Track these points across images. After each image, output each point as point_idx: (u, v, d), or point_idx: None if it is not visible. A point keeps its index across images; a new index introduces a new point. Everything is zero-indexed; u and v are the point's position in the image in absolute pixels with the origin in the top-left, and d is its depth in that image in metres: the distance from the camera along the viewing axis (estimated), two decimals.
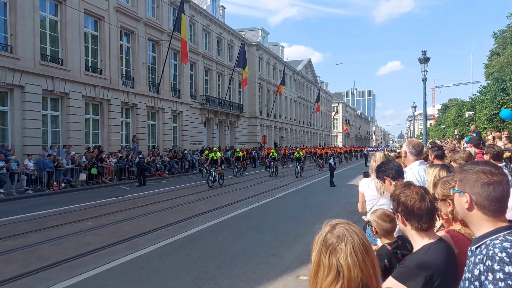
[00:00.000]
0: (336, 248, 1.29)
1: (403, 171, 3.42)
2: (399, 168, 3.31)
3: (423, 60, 18.68)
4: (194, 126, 33.36)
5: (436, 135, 60.38)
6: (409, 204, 1.90)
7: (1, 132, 17.46)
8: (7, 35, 17.53)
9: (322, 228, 1.38)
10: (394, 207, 1.98)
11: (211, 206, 12.60)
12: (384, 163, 3.39)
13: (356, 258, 1.28)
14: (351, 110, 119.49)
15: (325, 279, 1.28)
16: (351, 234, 1.32)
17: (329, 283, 1.27)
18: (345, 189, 16.47)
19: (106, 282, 5.73)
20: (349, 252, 1.28)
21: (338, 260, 1.28)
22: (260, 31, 50.37)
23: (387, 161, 3.52)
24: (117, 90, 23.65)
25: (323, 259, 1.30)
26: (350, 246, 1.29)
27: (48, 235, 8.58)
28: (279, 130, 54.56)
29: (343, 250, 1.28)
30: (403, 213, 1.92)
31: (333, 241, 1.31)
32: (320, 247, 1.32)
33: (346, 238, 1.30)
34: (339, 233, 1.32)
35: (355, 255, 1.28)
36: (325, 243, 1.31)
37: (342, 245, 1.29)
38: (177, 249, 7.51)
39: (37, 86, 18.37)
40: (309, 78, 71.62)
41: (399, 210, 1.94)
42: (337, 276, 1.27)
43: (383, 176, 3.30)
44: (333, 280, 1.27)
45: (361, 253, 1.29)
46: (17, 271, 6.10)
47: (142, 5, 26.17)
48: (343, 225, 1.35)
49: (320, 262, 1.31)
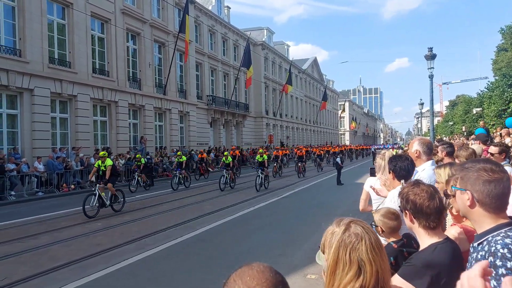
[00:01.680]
0: (356, 246, 1.33)
1: (412, 172, 3.37)
2: (409, 170, 3.25)
3: (429, 57, 18.59)
4: (201, 126, 33.47)
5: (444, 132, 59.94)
6: (418, 202, 1.91)
7: (12, 135, 17.68)
8: (15, 39, 17.74)
9: (333, 226, 1.40)
10: (403, 205, 1.99)
11: (219, 206, 12.66)
12: (398, 159, 3.32)
13: (375, 254, 1.33)
14: (358, 108, 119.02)
15: (346, 276, 1.31)
16: (367, 231, 1.36)
17: (350, 279, 1.31)
18: (352, 188, 16.45)
19: (116, 282, 5.81)
20: (369, 248, 1.32)
21: (360, 256, 1.31)
22: (265, 31, 50.36)
23: (404, 158, 3.42)
24: (124, 92, 23.82)
25: (342, 256, 1.33)
26: (369, 243, 1.33)
27: (59, 236, 8.69)
28: (285, 129, 54.52)
29: (364, 247, 1.32)
30: (411, 211, 1.93)
31: (352, 239, 1.34)
32: (338, 245, 1.34)
33: (364, 236, 1.34)
34: (357, 231, 1.35)
35: (374, 251, 1.33)
36: (344, 241, 1.34)
37: (362, 242, 1.33)
38: (185, 249, 7.58)
39: (46, 89, 18.57)
40: (315, 76, 71.46)
41: (408, 208, 1.95)
42: (358, 272, 1.31)
43: (389, 169, 3.30)
44: (354, 276, 1.31)
45: (378, 249, 1.34)
46: (29, 271, 6.20)
47: (147, 7, 26.32)
48: (358, 223, 1.38)
49: (338, 259, 1.33)
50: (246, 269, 1.06)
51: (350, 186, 17.65)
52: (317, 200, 14.06)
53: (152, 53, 27.00)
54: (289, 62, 52.33)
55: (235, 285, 1.02)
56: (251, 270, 1.05)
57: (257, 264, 1.07)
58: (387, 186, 3.63)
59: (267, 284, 1.02)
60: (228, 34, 39.74)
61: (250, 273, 1.04)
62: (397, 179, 3.20)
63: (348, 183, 18.56)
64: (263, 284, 1.01)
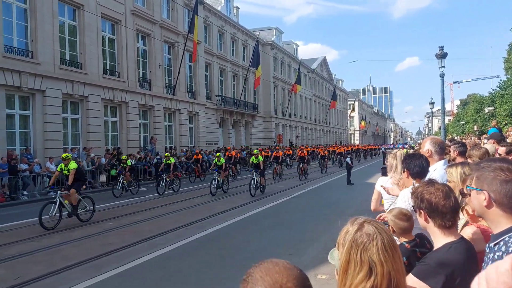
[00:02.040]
0: (367, 246, 1.32)
1: (427, 171, 3.34)
2: (424, 168, 3.23)
3: (440, 55, 18.41)
4: (210, 126, 33.56)
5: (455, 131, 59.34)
6: (433, 201, 1.89)
7: (24, 136, 17.91)
8: (27, 40, 17.97)
9: (347, 226, 1.40)
10: (417, 204, 1.97)
11: (229, 205, 12.70)
12: (412, 157, 3.30)
13: (387, 255, 1.32)
14: (368, 107, 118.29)
15: (357, 276, 1.31)
16: (380, 232, 1.35)
17: (361, 279, 1.30)
18: (362, 187, 16.38)
19: (128, 281, 5.86)
20: (380, 249, 1.31)
21: (370, 257, 1.31)
22: (274, 30, 50.33)
23: (418, 156, 3.40)
24: (134, 93, 23.98)
25: (353, 256, 1.32)
26: (381, 243, 1.32)
27: (71, 236, 8.80)
28: (294, 129, 54.42)
29: (375, 248, 1.31)
30: (426, 210, 1.92)
31: (364, 239, 1.33)
32: (350, 245, 1.34)
33: (376, 236, 1.33)
34: (369, 231, 1.34)
35: (386, 252, 1.32)
36: (355, 241, 1.34)
37: (374, 243, 1.32)
38: (196, 249, 7.61)
39: (57, 90, 18.78)
40: (324, 76, 71.21)
41: (423, 207, 1.93)
42: (369, 272, 1.30)
43: (403, 168, 3.29)
44: (365, 277, 1.30)
45: (390, 250, 1.33)
46: (42, 271, 6.27)
47: (157, 8, 26.47)
48: (371, 223, 1.37)
49: (350, 259, 1.33)
50: (271, 265, 1.02)
51: (361, 186, 17.57)
52: (327, 200, 14.03)
53: (162, 54, 27.14)
54: (298, 62, 52.23)
55: (263, 282, 0.97)
56: (277, 267, 1.01)
57: (279, 260, 1.04)
58: (400, 185, 3.61)
59: (297, 281, 1.00)
60: (237, 34, 39.80)
61: (277, 270, 1.00)
62: (412, 178, 3.18)
63: (358, 183, 18.48)
64: (293, 281, 0.99)
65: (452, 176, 2.90)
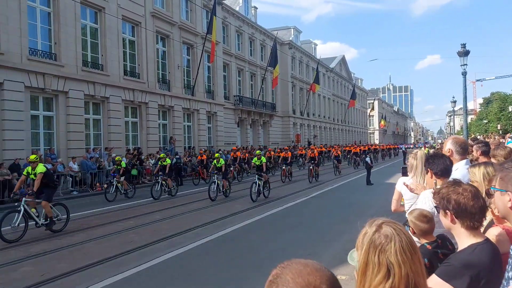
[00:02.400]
0: (385, 248, 1.31)
1: (451, 170, 3.29)
2: (447, 167, 3.19)
3: (462, 53, 18.07)
4: (228, 126, 33.71)
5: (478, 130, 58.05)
6: (462, 202, 1.86)
7: (48, 136, 18.37)
8: (51, 43, 18.42)
9: (366, 227, 1.40)
10: (443, 205, 1.93)
11: (247, 205, 12.74)
12: (435, 157, 3.26)
13: (405, 256, 1.31)
14: (388, 106, 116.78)
15: (375, 278, 1.31)
16: (398, 233, 1.34)
17: (379, 281, 1.30)
18: (382, 188, 16.20)
19: (149, 279, 5.95)
20: (398, 251, 1.30)
21: (388, 259, 1.30)
22: (292, 30, 50.19)
23: (440, 156, 3.35)
24: (154, 93, 24.30)
25: (371, 258, 1.32)
26: (399, 245, 1.31)
27: (93, 234, 8.98)
28: (312, 128, 54.15)
29: (393, 249, 1.30)
30: (454, 211, 1.88)
31: (382, 240, 1.32)
32: (368, 246, 1.34)
33: (394, 237, 1.32)
34: (387, 232, 1.33)
35: (404, 253, 1.31)
36: (373, 242, 1.33)
37: (391, 244, 1.31)
38: (215, 248, 7.68)
39: (80, 91, 19.19)
40: (343, 75, 70.63)
41: (450, 207, 1.89)
42: (387, 274, 1.30)
43: (427, 168, 3.25)
44: (383, 278, 1.30)
45: (409, 251, 1.32)
46: (66, 268, 6.44)
47: (176, 9, 26.74)
48: (389, 224, 1.36)
49: (368, 261, 1.33)
50: (301, 267, 0.99)
51: (381, 186, 17.38)
52: (346, 200, 13.92)
53: (181, 55, 27.41)
54: (316, 61, 51.95)
55: (295, 284, 0.94)
56: (308, 268, 0.98)
57: (308, 261, 1.01)
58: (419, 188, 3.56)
59: (330, 282, 0.97)
60: (255, 34, 39.86)
61: (309, 271, 0.97)
62: (435, 177, 3.14)
63: (378, 183, 18.28)
64: (326, 283, 0.96)
65: (475, 176, 2.86)
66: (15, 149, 16.02)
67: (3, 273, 6.30)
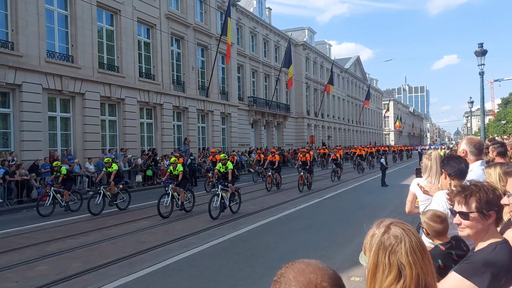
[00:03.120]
0: (395, 249, 1.30)
1: (466, 172, 3.23)
2: (462, 169, 3.13)
3: (479, 53, 17.76)
4: (242, 127, 33.78)
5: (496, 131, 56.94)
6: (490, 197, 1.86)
7: (65, 137, 18.68)
8: (68, 46, 18.74)
9: (373, 229, 1.39)
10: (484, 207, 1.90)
11: (260, 206, 12.74)
12: (450, 158, 3.22)
13: (416, 257, 1.30)
14: (403, 107, 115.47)
15: (386, 279, 1.29)
16: (407, 233, 1.33)
17: (390, 282, 1.29)
18: (397, 189, 16.00)
19: (162, 279, 6.00)
20: (409, 251, 1.29)
21: (399, 260, 1.29)
22: (306, 31, 50.05)
23: (456, 157, 3.28)
24: (169, 95, 24.51)
25: (381, 259, 1.31)
26: (409, 245, 1.30)
27: (108, 234, 9.10)
28: (327, 129, 53.87)
29: (403, 250, 1.29)
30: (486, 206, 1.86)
31: (392, 241, 1.31)
32: (377, 248, 1.33)
33: (404, 238, 1.31)
34: (397, 233, 1.32)
35: (414, 254, 1.30)
36: (383, 244, 1.32)
37: (401, 245, 1.30)
38: (227, 248, 7.69)
39: (96, 93, 19.47)
40: (357, 75, 70.11)
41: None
42: (398, 275, 1.29)
43: (442, 169, 3.21)
44: (394, 280, 1.28)
45: (419, 252, 1.31)
46: (81, 267, 6.54)
47: (191, 11, 26.93)
48: (398, 225, 1.35)
49: (378, 263, 1.31)
50: (304, 266, 1.00)
51: (396, 187, 17.18)
52: (360, 201, 13.80)
53: (195, 57, 27.59)
54: (330, 62, 51.70)
55: (297, 283, 0.96)
56: (310, 267, 1.00)
57: (311, 260, 1.03)
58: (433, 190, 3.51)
59: (331, 280, 0.98)
60: (269, 36, 39.87)
61: (311, 269, 0.98)
62: (450, 178, 3.09)
63: (393, 185, 18.08)
64: (328, 280, 0.97)
65: (491, 177, 2.80)
66: (34, 150, 16.35)
67: (20, 272, 6.42)
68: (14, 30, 16.13)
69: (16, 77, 15.91)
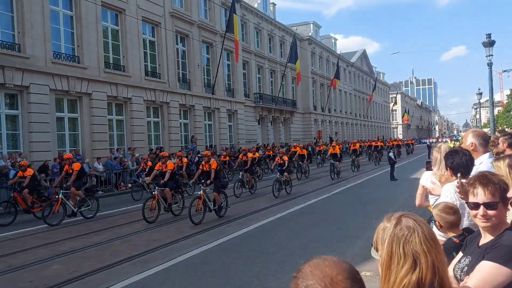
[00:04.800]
0: (409, 239, 1.32)
1: (471, 169, 3.16)
2: (467, 168, 3.06)
3: (487, 43, 17.56)
4: (249, 124, 33.78)
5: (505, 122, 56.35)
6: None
7: (73, 138, 18.81)
8: (74, 46, 18.84)
9: (384, 222, 1.39)
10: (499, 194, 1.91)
11: (269, 203, 12.75)
12: (455, 155, 3.12)
13: (430, 245, 1.31)
14: (411, 100, 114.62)
15: (401, 269, 1.31)
16: (419, 223, 1.34)
17: (406, 272, 1.30)
18: (407, 183, 15.93)
19: (175, 276, 6.04)
20: (423, 240, 1.31)
21: (414, 249, 1.30)
22: (311, 25, 49.81)
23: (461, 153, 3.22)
24: (175, 93, 24.56)
25: (396, 250, 1.32)
26: (422, 235, 1.32)
27: (120, 232, 9.17)
28: (334, 124, 53.66)
29: (417, 239, 1.31)
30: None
31: (405, 232, 1.33)
32: (391, 239, 1.34)
33: (416, 228, 1.33)
34: (409, 224, 1.34)
35: (428, 242, 1.31)
36: (396, 235, 1.33)
37: (415, 234, 1.32)
38: (238, 245, 7.72)
39: (103, 92, 19.57)
40: (364, 69, 69.69)
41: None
42: (413, 264, 1.30)
43: (446, 165, 3.17)
44: (410, 269, 1.30)
45: (432, 240, 1.33)
46: (94, 266, 6.59)
47: (195, 8, 26.91)
48: (409, 216, 1.37)
49: (392, 254, 1.33)
50: (320, 260, 1.04)
51: (405, 181, 17.10)
52: (369, 196, 13.76)
53: (201, 54, 27.59)
54: (336, 56, 51.42)
55: (314, 277, 0.99)
56: (327, 261, 1.03)
57: (328, 256, 1.06)
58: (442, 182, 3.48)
59: (348, 273, 1.01)
60: (274, 31, 39.74)
61: (327, 264, 1.02)
62: (454, 175, 3.05)
63: (402, 179, 18.00)
64: (343, 274, 1.00)
65: (500, 170, 2.77)
66: (43, 150, 16.49)
67: (34, 271, 6.50)
68: (20, 32, 16.24)
69: (24, 78, 16.03)
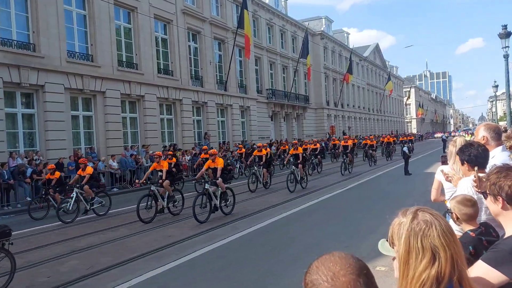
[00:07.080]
0: (427, 233, 1.31)
1: (487, 160, 3.13)
2: (485, 159, 3.02)
3: (504, 35, 17.24)
4: (261, 120, 33.76)
5: None
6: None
7: (88, 136, 19.07)
8: (87, 45, 19.05)
9: (399, 217, 1.38)
10: (494, 191, 1.89)
11: (283, 198, 12.75)
12: (470, 148, 3.06)
13: (448, 239, 1.30)
14: (425, 94, 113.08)
15: (420, 264, 1.30)
16: (436, 217, 1.33)
17: (425, 266, 1.29)
18: (421, 178, 15.75)
19: (190, 271, 6.09)
20: (441, 233, 1.30)
21: (432, 243, 1.29)
22: (323, 20, 49.44)
23: (476, 146, 3.16)
24: (187, 90, 24.67)
25: (414, 244, 1.31)
26: (440, 228, 1.31)
27: (135, 228, 9.28)
28: (347, 119, 53.29)
29: (435, 232, 1.30)
30: (507, 197, 1.84)
31: (422, 226, 1.32)
32: (408, 234, 1.33)
33: (434, 221, 1.32)
34: (426, 218, 1.33)
35: (446, 236, 1.30)
36: (413, 230, 1.32)
37: (433, 228, 1.31)
38: (252, 240, 7.75)
39: (116, 90, 19.76)
40: (377, 63, 68.95)
41: (502, 194, 1.85)
42: (432, 258, 1.29)
43: (462, 159, 3.12)
44: (428, 263, 1.29)
45: (450, 234, 1.32)
46: (110, 261, 6.70)
47: (207, 5, 26.95)
48: (425, 210, 1.36)
49: (410, 249, 1.32)
50: (328, 256, 1.08)
51: (420, 176, 16.91)
52: (384, 191, 13.66)
53: (213, 51, 27.64)
54: (349, 50, 50.97)
55: (318, 272, 1.03)
56: (333, 257, 1.07)
57: (337, 252, 1.09)
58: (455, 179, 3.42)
59: (351, 269, 1.03)
60: (286, 26, 39.57)
61: (332, 259, 1.05)
62: (472, 169, 3.01)
63: (417, 173, 17.81)
64: (347, 269, 1.02)
65: None
66: (58, 148, 16.75)
67: (52, 267, 6.62)
68: (35, 32, 16.48)
69: (39, 78, 16.28)
